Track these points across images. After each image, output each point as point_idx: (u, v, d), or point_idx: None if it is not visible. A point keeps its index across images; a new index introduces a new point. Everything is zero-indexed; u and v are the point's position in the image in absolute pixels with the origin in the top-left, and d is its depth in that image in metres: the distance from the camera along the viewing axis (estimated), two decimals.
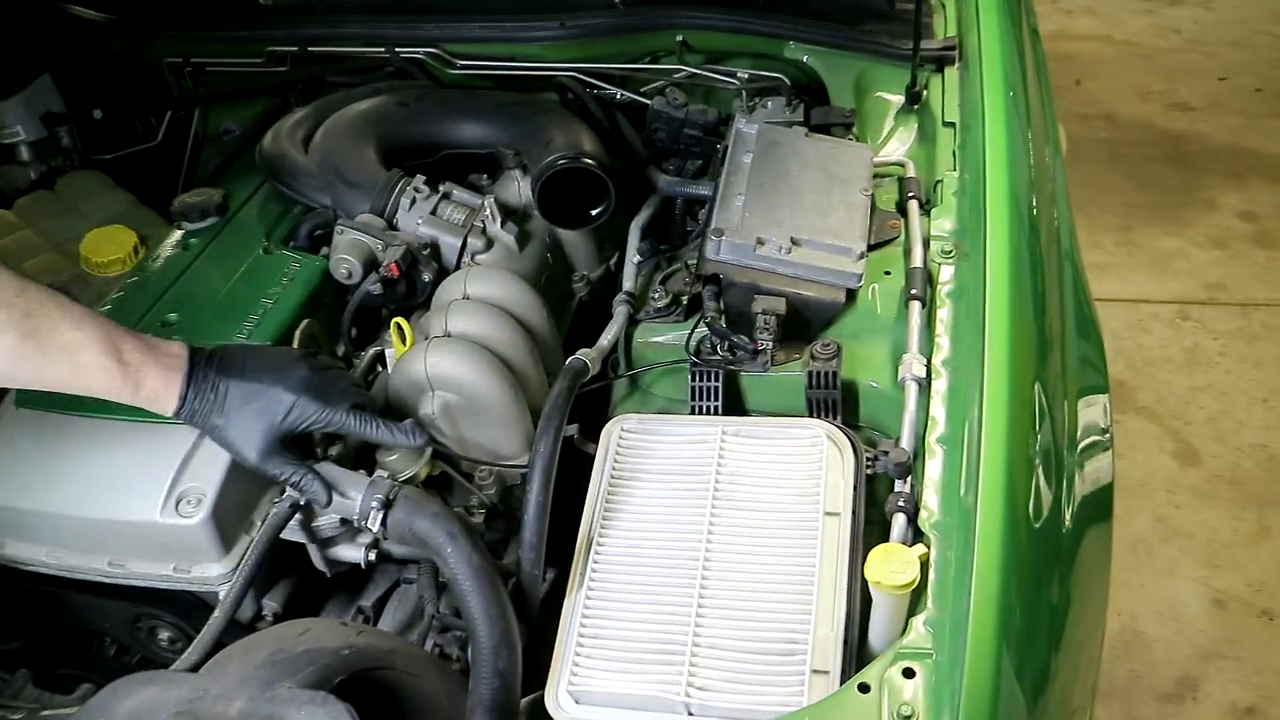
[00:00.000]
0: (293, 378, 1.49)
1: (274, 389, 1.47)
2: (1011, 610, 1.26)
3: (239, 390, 1.46)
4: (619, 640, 1.38)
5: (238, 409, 1.46)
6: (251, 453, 1.47)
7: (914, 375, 1.54)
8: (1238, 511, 3.37)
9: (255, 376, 1.47)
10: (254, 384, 1.47)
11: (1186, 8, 6.39)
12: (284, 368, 1.50)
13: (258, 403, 1.46)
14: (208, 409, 1.45)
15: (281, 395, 1.47)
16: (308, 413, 1.48)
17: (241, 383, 1.46)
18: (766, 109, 2.19)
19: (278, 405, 1.47)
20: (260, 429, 1.46)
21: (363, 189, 1.97)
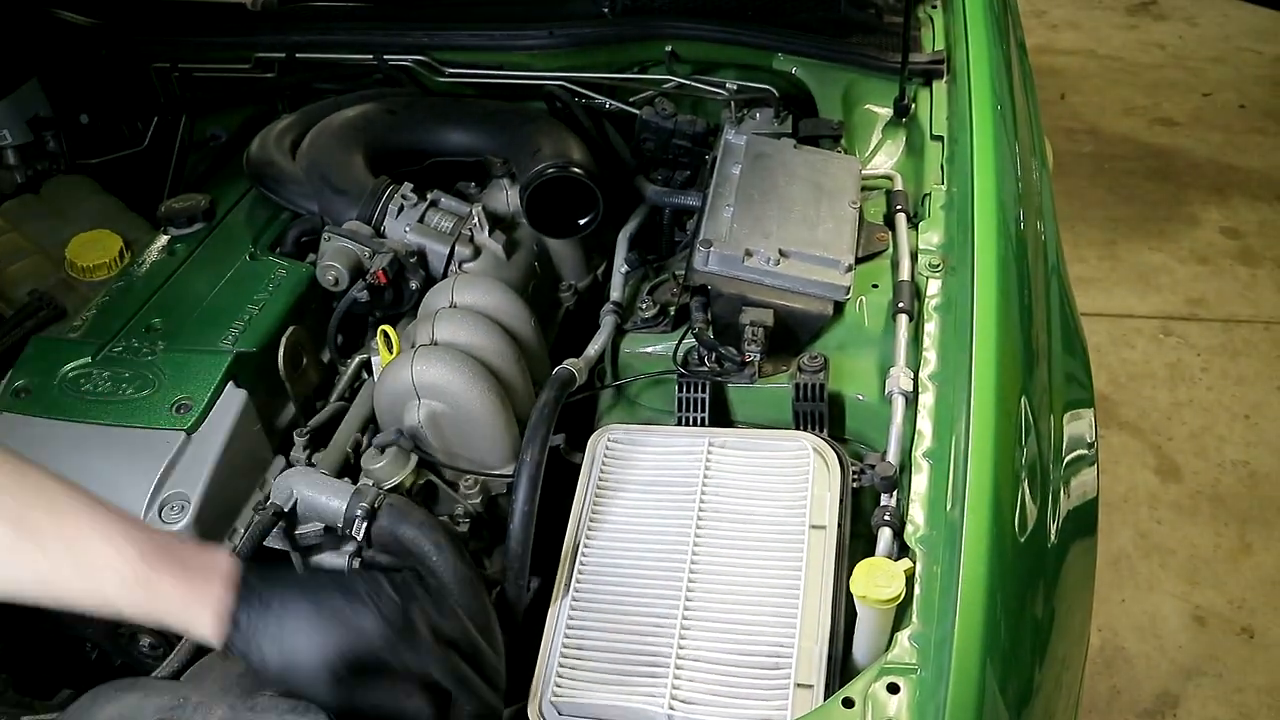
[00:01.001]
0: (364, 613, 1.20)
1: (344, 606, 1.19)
2: (997, 626, 1.26)
3: (298, 612, 1.18)
4: (602, 652, 1.38)
5: (296, 639, 1.17)
6: (320, 688, 1.19)
7: (901, 389, 1.55)
8: (1219, 528, 3.38)
9: (315, 599, 1.19)
10: (317, 603, 1.19)
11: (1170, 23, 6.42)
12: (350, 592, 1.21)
13: (321, 631, 1.18)
14: (258, 632, 1.16)
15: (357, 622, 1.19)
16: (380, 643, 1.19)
17: (303, 602, 1.19)
18: (755, 120, 2.19)
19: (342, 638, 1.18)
20: (327, 658, 1.17)
21: (350, 196, 1.96)
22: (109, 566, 1.12)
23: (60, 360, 1.68)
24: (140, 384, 1.63)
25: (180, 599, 1.14)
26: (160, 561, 1.14)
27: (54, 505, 1.13)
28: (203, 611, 1.15)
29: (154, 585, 1.13)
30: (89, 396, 1.62)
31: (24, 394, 1.64)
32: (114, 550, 1.12)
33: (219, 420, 1.59)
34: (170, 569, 1.14)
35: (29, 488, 1.13)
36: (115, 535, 1.13)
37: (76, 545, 1.11)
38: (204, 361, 1.65)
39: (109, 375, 1.65)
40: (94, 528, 1.12)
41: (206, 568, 1.17)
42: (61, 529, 1.12)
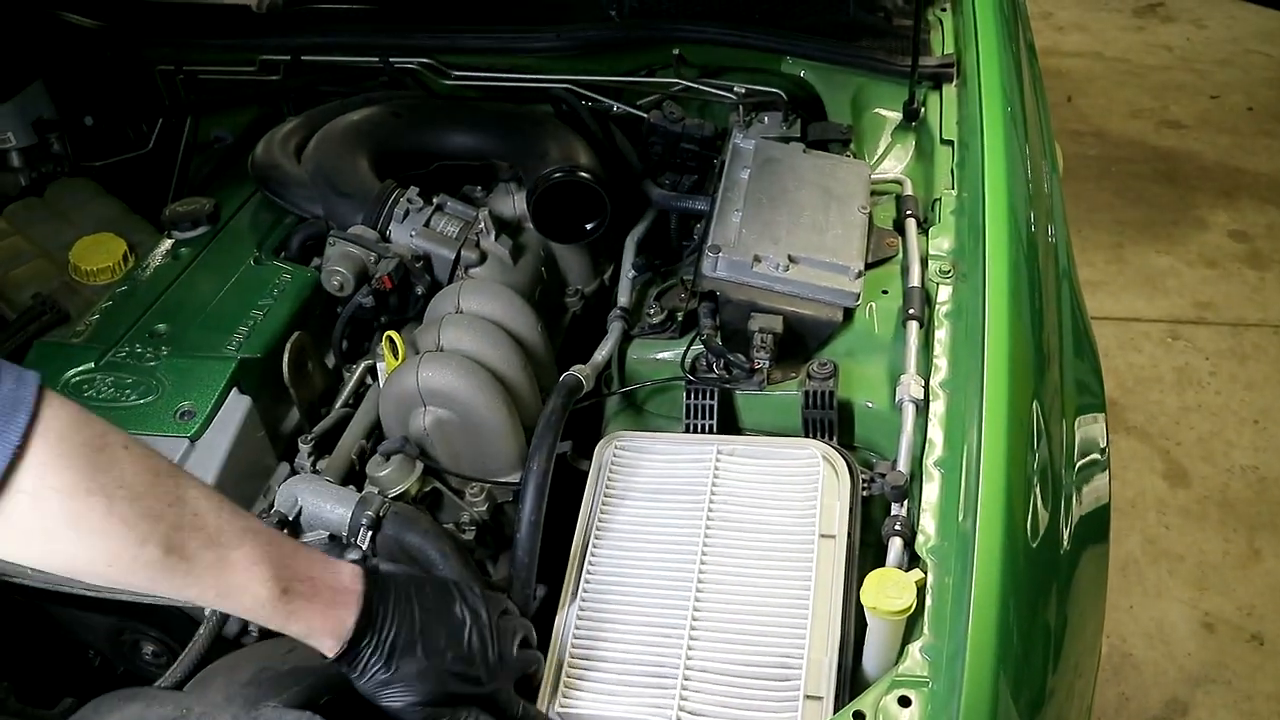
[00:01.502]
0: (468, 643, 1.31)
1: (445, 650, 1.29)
2: (1010, 638, 1.24)
3: (410, 643, 1.27)
4: (610, 662, 1.37)
5: (399, 671, 1.27)
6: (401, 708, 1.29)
7: (911, 396, 1.53)
8: (1228, 534, 3.36)
9: (431, 634, 1.29)
10: (427, 643, 1.28)
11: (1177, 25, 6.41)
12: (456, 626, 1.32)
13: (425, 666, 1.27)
14: (369, 657, 1.26)
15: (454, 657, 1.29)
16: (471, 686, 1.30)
17: (411, 644, 1.28)
18: (763, 124, 2.18)
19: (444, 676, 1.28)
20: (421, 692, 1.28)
21: (355, 200, 1.95)
22: (250, 594, 1.19)
23: (63, 366, 1.67)
24: (143, 390, 1.61)
25: (308, 623, 1.23)
26: (299, 593, 1.22)
27: (212, 533, 1.17)
28: (325, 638, 1.24)
29: (287, 613, 1.21)
30: (92, 403, 1.61)
31: None
32: (257, 581, 1.19)
33: (223, 427, 1.58)
34: (305, 594, 1.23)
35: (189, 511, 1.16)
36: (260, 565, 1.19)
37: (224, 575, 1.17)
38: (208, 367, 1.64)
39: (112, 381, 1.64)
40: (245, 559, 1.18)
41: (337, 592, 1.26)
42: (214, 556, 1.16)
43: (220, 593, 1.18)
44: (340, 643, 1.25)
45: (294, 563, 1.24)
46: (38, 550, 1.09)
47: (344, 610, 1.25)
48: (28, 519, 1.05)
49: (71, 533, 1.08)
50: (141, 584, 1.14)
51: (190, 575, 1.15)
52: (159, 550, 1.12)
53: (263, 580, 1.20)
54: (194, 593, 1.18)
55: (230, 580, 1.18)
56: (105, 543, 1.10)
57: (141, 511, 1.11)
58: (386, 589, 1.30)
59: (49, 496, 1.05)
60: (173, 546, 1.13)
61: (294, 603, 1.22)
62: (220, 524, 1.18)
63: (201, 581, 1.16)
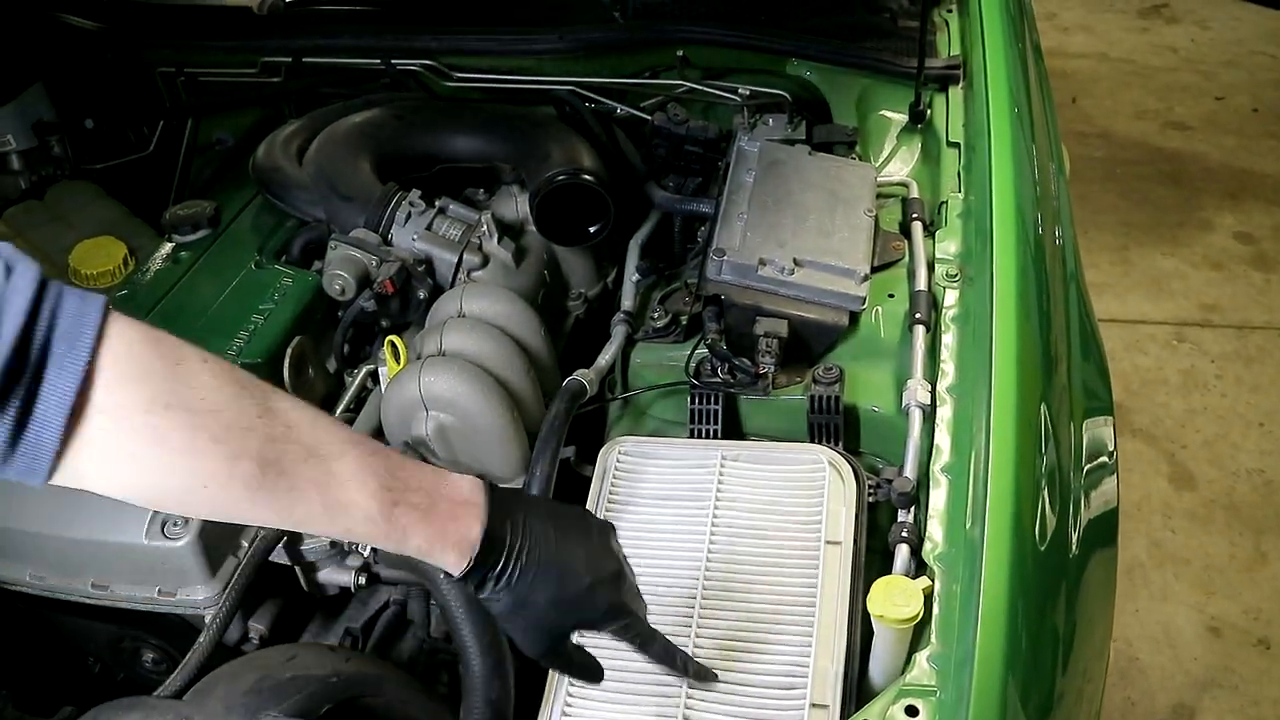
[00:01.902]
0: (604, 565, 1.23)
1: (582, 575, 1.21)
2: (1018, 645, 1.23)
3: (543, 564, 1.18)
4: (613, 670, 1.35)
5: (534, 587, 1.18)
6: (536, 645, 1.22)
7: (918, 402, 1.52)
8: (1234, 537, 3.34)
9: (566, 551, 1.20)
10: (561, 560, 1.20)
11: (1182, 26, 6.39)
12: (592, 548, 1.24)
13: (558, 585, 1.19)
14: (497, 576, 1.17)
15: (589, 583, 1.21)
16: (607, 613, 1.23)
17: (548, 557, 1.19)
18: (768, 126, 2.16)
19: (584, 595, 1.20)
20: (552, 616, 1.21)
21: (357, 203, 1.94)
22: (360, 510, 1.10)
23: None
24: None
25: (426, 540, 1.14)
26: (412, 504, 1.13)
27: (309, 445, 1.08)
28: (448, 553, 1.15)
29: (402, 528, 1.12)
30: None
31: None
32: (367, 495, 1.10)
33: None
34: (420, 511, 1.13)
35: (280, 424, 1.07)
36: (370, 479, 1.10)
37: (330, 490, 1.08)
38: None
39: None
40: (350, 470, 1.09)
41: (460, 505, 1.16)
42: (316, 471, 1.08)
43: (326, 509, 1.09)
44: (466, 558, 1.15)
45: (404, 474, 1.14)
46: (129, 477, 1.02)
47: (466, 523, 1.16)
48: (111, 441, 0.98)
49: (157, 452, 1.01)
50: (244, 508, 1.07)
51: (293, 492, 1.07)
52: (254, 465, 1.04)
53: (371, 493, 1.10)
54: (300, 513, 1.09)
55: (335, 495, 1.09)
56: (195, 461, 1.02)
57: (228, 424, 1.03)
58: (512, 502, 1.20)
59: (128, 414, 0.98)
60: (268, 461, 1.05)
61: (408, 515, 1.13)
62: (317, 435, 1.09)
63: (306, 499, 1.08)
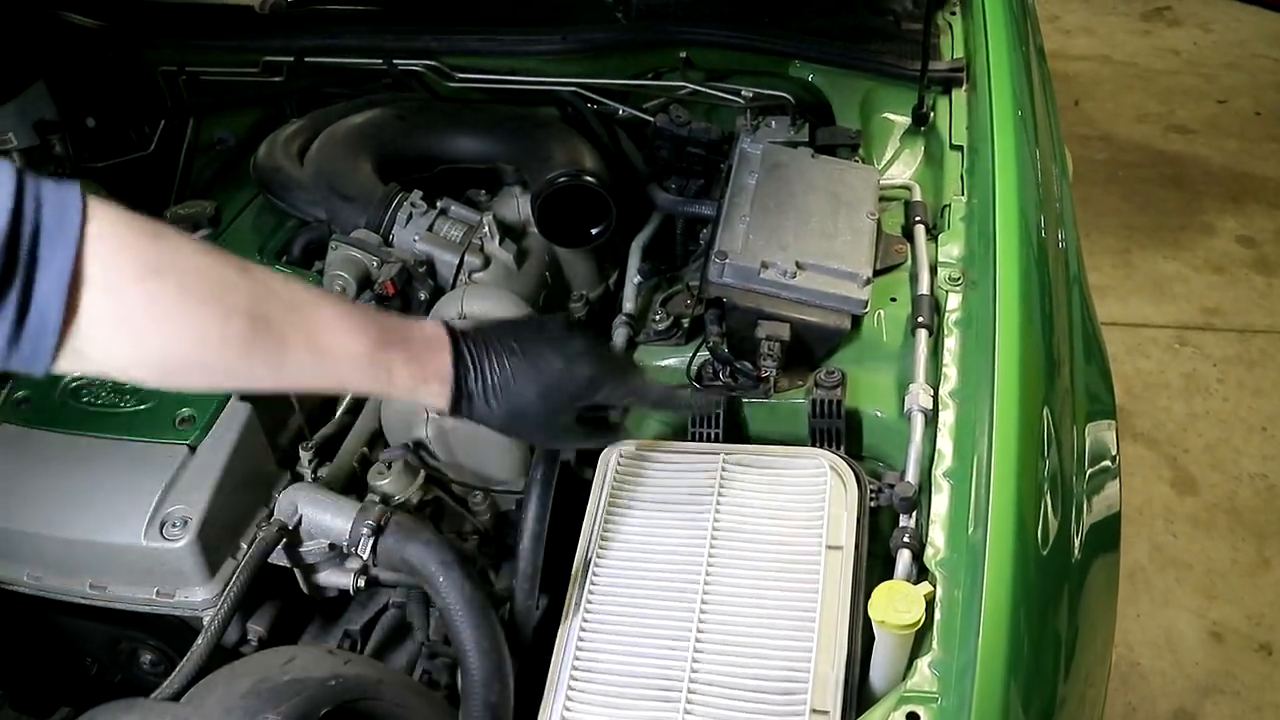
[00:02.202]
0: (571, 345, 1.34)
1: (554, 358, 1.32)
2: (1020, 651, 1.23)
3: (515, 366, 1.29)
4: (613, 674, 1.35)
5: (518, 388, 1.29)
6: (541, 432, 1.37)
7: (920, 406, 1.51)
8: (1236, 542, 3.34)
9: (530, 348, 1.31)
10: (530, 356, 1.30)
11: (1184, 29, 6.39)
12: (555, 336, 1.35)
13: (536, 376, 1.30)
14: (483, 392, 1.27)
15: (563, 363, 1.32)
16: (595, 380, 1.35)
17: (516, 357, 1.29)
18: (770, 128, 2.15)
19: (563, 376, 1.32)
20: (549, 404, 1.31)
21: (358, 203, 1.94)
22: (346, 353, 1.17)
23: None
24: (141, 396, 1.59)
25: (411, 376, 1.23)
26: (390, 342, 1.21)
27: (288, 299, 1.15)
28: (431, 384, 1.25)
29: (388, 366, 1.21)
30: (90, 407, 1.59)
31: (25, 405, 1.61)
32: (350, 339, 1.17)
33: (222, 434, 1.55)
34: (399, 348, 1.22)
35: (260, 282, 1.13)
36: (350, 324, 1.18)
37: (316, 338, 1.15)
38: None
39: (110, 386, 1.62)
40: (328, 318, 1.17)
41: (430, 339, 1.26)
42: (299, 320, 1.14)
43: (316, 357, 1.16)
44: (448, 386, 1.25)
45: (378, 318, 1.23)
46: (129, 348, 1.07)
47: (440, 355, 1.25)
48: (109, 314, 1.04)
49: (153, 320, 1.06)
50: (240, 366, 1.12)
51: (283, 344, 1.13)
52: (245, 321, 1.10)
53: (354, 335, 1.18)
54: (292, 365, 1.15)
55: (323, 341, 1.16)
56: (190, 322, 1.08)
57: (215, 283, 1.09)
58: (470, 332, 1.30)
59: (121, 284, 1.04)
60: (257, 316, 1.11)
61: (391, 353, 1.21)
62: (293, 291, 1.16)
63: (295, 350, 1.14)
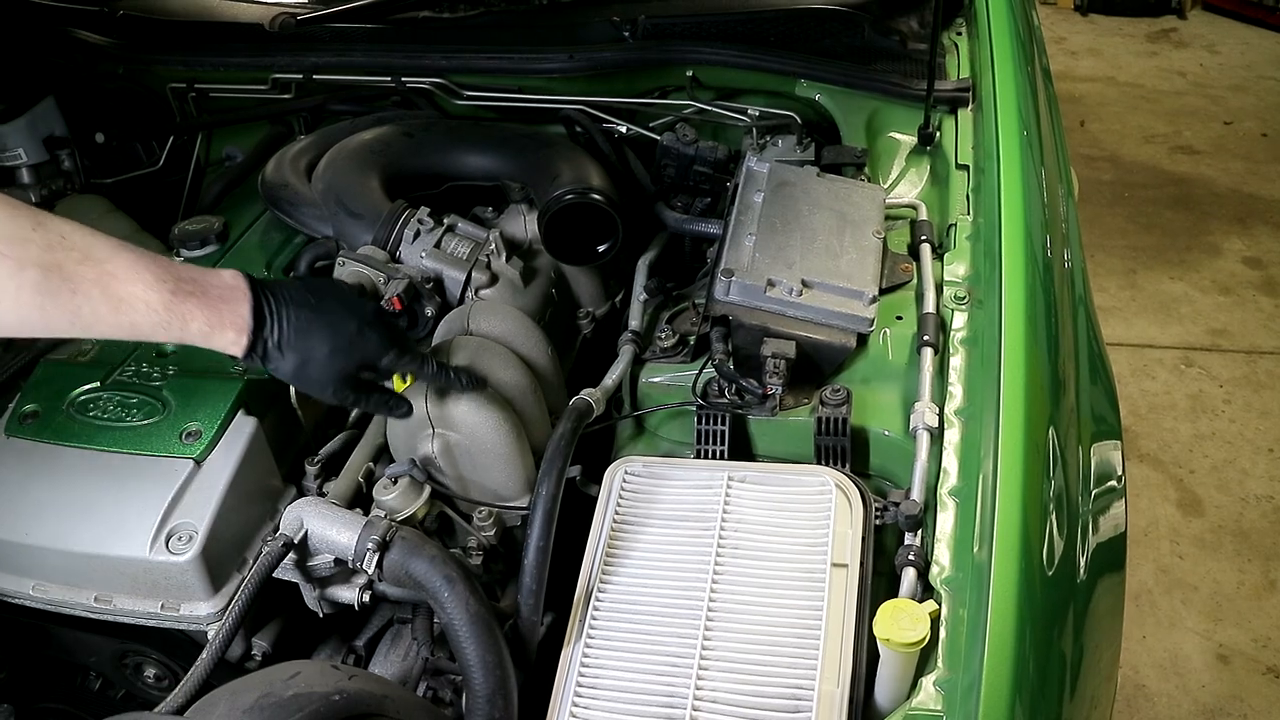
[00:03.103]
0: (364, 310, 1.46)
1: (348, 320, 1.43)
2: (1025, 670, 1.22)
3: (311, 321, 1.39)
4: (618, 691, 1.35)
5: (310, 342, 1.39)
6: (326, 387, 1.43)
7: (926, 424, 1.51)
8: (1243, 564, 3.33)
9: (327, 307, 1.41)
10: (326, 314, 1.41)
11: (1191, 51, 6.41)
12: (350, 300, 1.47)
13: (330, 335, 1.40)
14: (277, 342, 1.36)
15: (356, 326, 1.43)
16: (381, 346, 1.46)
17: (313, 314, 1.39)
18: (777, 147, 2.17)
19: (355, 337, 1.43)
20: (337, 362, 1.42)
21: (366, 220, 1.94)
22: (141, 301, 1.24)
23: (69, 384, 1.65)
24: (149, 410, 1.60)
25: (206, 323, 1.30)
26: (186, 292, 1.28)
27: (83, 249, 1.22)
28: (226, 332, 1.32)
29: (183, 314, 1.28)
30: (97, 422, 1.60)
31: (32, 418, 1.61)
32: (144, 287, 1.25)
33: (229, 448, 1.56)
34: (196, 298, 1.29)
35: (54, 234, 1.21)
36: (144, 273, 1.25)
37: (110, 286, 1.22)
38: (214, 388, 1.62)
39: (118, 401, 1.62)
40: (124, 267, 1.24)
41: (227, 290, 1.33)
42: (94, 271, 1.21)
43: (111, 305, 1.23)
44: (244, 334, 1.33)
45: (173, 269, 1.29)
46: None
47: (237, 303, 1.33)
48: None
49: None
50: (35, 317, 1.19)
51: (77, 295, 1.20)
52: (37, 272, 1.18)
53: (149, 284, 1.25)
54: (88, 313, 1.22)
55: (118, 290, 1.23)
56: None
57: (7, 237, 1.17)
58: (269, 284, 1.38)
59: None
60: (49, 266, 1.19)
61: (186, 303, 1.28)
62: (90, 242, 1.23)
63: (90, 299, 1.21)
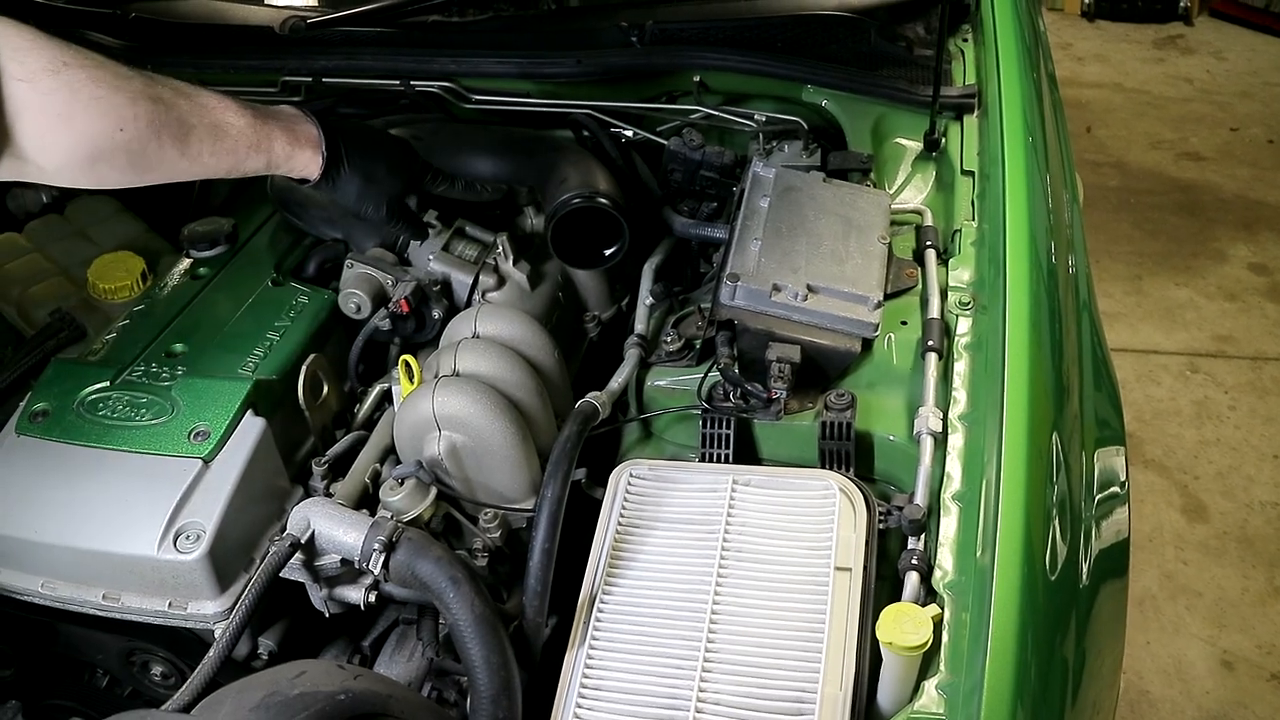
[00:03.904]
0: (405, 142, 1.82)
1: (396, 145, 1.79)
2: (1028, 675, 1.23)
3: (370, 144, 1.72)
4: (621, 694, 1.35)
5: (373, 160, 1.71)
6: (382, 203, 1.75)
7: (930, 429, 1.52)
8: (1247, 570, 3.33)
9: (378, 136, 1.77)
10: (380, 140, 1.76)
11: (1198, 57, 6.41)
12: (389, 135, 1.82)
13: (387, 155, 1.75)
14: (346, 159, 1.66)
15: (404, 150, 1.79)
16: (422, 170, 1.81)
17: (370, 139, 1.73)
18: (783, 152, 2.17)
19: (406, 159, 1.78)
20: (396, 179, 1.76)
21: (374, 222, 1.94)
22: (234, 127, 1.52)
23: (79, 383, 1.66)
24: (158, 410, 1.61)
25: (288, 142, 1.59)
26: (266, 115, 1.57)
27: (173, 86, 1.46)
28: (304, 149, 1.62)
29: (269, 135, 1.56)
30: (106, 421, 1.60)
31: (42, 417, 1.62)
32: (234, 114, 1.52)
33: (237, 449, 1.57)
34: (274, 120, 1.58)
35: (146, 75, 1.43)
36: (229, 101, 1.52)
37: (206, 114, 1.48)
38: (223, 388, 1.63)
39: (127, 400, 1.63)
40: (212, 99, 1.51)
41: (295, 116, 1.62)
42: (189, 103, 1.47)
43: (212, 132, 1.48)
44: (319, 153, 1.62)
45: (246, 100, 1.56)
46: (58, 138, 1.33)
47: (307, 127, 1.62)
48: (32, 102, 1.29)
49: (74, 105, 1.32)
50: (153, 148, 1.41)
51: (184, 123, 1.44)
52: (149, 104, 1.39)
53: (237, 111, 1.52)
54: (195, 141, 1.46)
55: (215, 119, 1.49)
56: (106, 106, 1.35)
57: (116, 73, 1.38)
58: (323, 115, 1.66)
59: (39, 76, 1.29)
60: (156, 99, 1.41)
61: (268, 124, 1.56)
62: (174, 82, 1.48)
63: (195, 127, 1.46)
